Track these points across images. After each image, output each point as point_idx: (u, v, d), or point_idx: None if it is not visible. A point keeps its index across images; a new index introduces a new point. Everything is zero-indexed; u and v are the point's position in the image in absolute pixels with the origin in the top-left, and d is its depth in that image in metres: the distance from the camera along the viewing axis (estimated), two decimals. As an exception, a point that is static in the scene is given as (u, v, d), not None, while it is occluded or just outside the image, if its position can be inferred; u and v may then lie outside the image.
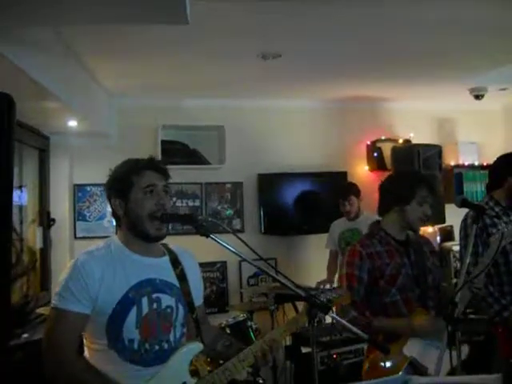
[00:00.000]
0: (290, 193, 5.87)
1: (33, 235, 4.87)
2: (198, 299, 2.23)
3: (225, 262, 5.72)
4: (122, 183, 2.07)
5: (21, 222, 4.60)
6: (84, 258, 1.99)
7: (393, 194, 2.82)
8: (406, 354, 2.55)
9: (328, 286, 5.02)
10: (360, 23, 3.64)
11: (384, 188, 2.94)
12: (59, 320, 1.93)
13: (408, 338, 2.58)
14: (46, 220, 5.07)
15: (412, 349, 2.55)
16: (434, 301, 2.78)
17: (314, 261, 5.73)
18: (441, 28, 3.74)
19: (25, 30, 2.95)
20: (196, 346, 2.03)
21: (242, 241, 1.95)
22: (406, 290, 2.72)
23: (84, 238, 5.37)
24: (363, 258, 2.75)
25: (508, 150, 6.20)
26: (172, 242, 2.25)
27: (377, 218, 5.15)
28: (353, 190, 5.16)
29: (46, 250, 5.05)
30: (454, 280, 5.17)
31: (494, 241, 2.49)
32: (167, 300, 2.05)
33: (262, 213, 5.83)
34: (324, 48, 4.20)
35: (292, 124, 6.03)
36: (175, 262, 2.16)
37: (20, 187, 4.61)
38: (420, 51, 4.30)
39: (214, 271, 5.73)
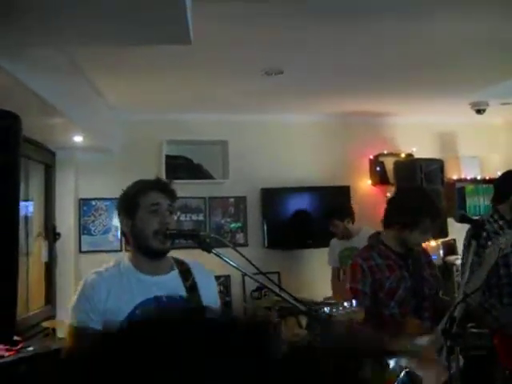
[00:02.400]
0: (293, 207, 5.91)
1: (38, 249, 4.91)
2: None
3: (228, 276, 5.74)
4: (128, 203, 2.15)
5: (27, 236, 4.64)
6: (92, 278, 2.08)
7: (397, 215, 2.83)
8: (401, 364, 2.56)
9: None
10: (361, 39, 3.69)
11: (392, 204, 2.96)
12: (73, 337, 2.04)
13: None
14: (51, 234, 5.12)
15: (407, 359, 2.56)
16: (429, 311, 2.81)
17: (317, 275, 5.75)
18: (442, 43, 3.78)
19: (30, 48, 3.01)
20: None
21: (244, 256, 1.98)
22: (405, 302, 2.75)
23: (89, 252, 5.41)
24: (365, 271, 2.77)
25: (510, 164, 6.25)
26: (177, 256, 2.28)
27: None
28: (334, 213, 5.11)
29: (51, 264, 5.09)
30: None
31: (489, 253, 2.51)
32: None
33: (265, 227, 5.86)
34: (326, 63, 4.26)
35: (295, 139, 6.08)
36: (186, 274, 2.19)
37: (26, 201, 4.66)
38: (421, 66, 4.34)
39: (218, 285, 5.69)
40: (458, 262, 5.61)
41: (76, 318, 2.02)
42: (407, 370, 2.45)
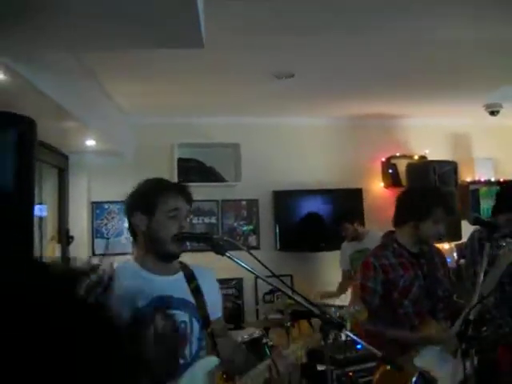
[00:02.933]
0: (306, 210, 5.89)
1: (52, 252, 4.94)
2: (216, 313, 2.25)
3: (241, 279, 5.74)
4: (147, 200, 2.11)
5: (40, 240, 4.67)
6: None
7: (409, 210, 2.83)
8: (416, 364, 2.54)
9: (336, 301, 4.99)
10: (373, 42, 3.68)
11: (401, 201, 2.95)
12: None
13: (419, 350, 2.59)
14: (64, 237, 5.15)
15: (422, 360, 2.55)
16: (444, 312, 2.80)
17: (329, 277, 5.73)
18: (455, 45, 3.77)
19: (43, 53, 3.03)
20: (211, 361, 2.05)
21: (256, 259, 1.97)
22: (419, 302, 2.74)
23: (102, 255, 5.43)
24: (377, 269, 2.76)
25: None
26: (189, 258, 2.28)
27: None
28: (345, 216, 5.18)
29: (64, 267, 5.12)
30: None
31: (503, 254, 2.49)
32: (181, 316, 2.09)
33: (277, 230, 5.86)
34: (337, 66, 4.25)
35: (307, 141, 6.08)
36: (190, 278, 2.20)
37: (39, 205, 4.69)
38: (434, 68, 4.32)
39: (230, 288, 5.75)
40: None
41: None
42: (421, 371, 2.44)
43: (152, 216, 2.09)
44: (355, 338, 2.06)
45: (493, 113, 5.71)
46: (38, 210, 4.63)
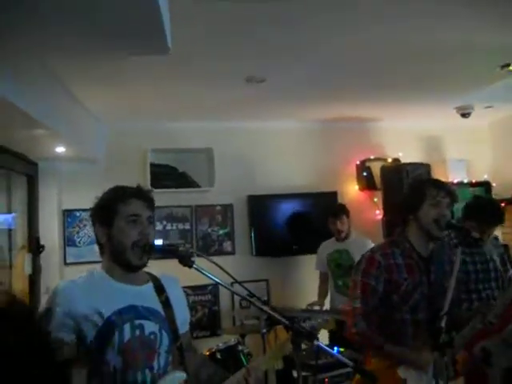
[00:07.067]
0: (281, 214, 5.87)
1: (22, 261, 4.83)
2: (184, 326, 2.21)
3: (217, 285, 5.69)
4: (106, 210, 2.07)
5: (10, 249, 4.57)
6: (64, 284, 2.01)
7: (404, 203, 2.77)
8: (400, 375, 2.51)
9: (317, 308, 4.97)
10: (346, 45, 3.68)
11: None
12: None
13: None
14: (35, 246, 5.04)
15: (406, 371, 2.51)
16: (447, 325, 2.50)
17: (305, 281, 5.71)
18: (427, 49, 3.78)
19: (9, 60, 2.96)
20: (180, 375, 2.01)
21: (222, 269, 1.95)
22: (418, 310, 2.60)
23: (74, 263, 5.32)
24: (381, 268, 2.62)
25: (496, 167, 6.29)
26: (163, 265, 2.20)
27: (367, 241, 5.04)
28: (344, 210, 5.13)
29: (35, 277, 5.01)
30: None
31: None
32: (151, 327, 2.04)
33: (252, 234, 5.82)
34: (309, 70, 4.23)
35: (281, 145, 6.06)
36: (159, 289, 2.15)
37: (9, 213, 4.59)
38: (406, 71, 4.34)
39: (206, 294, 5.70)
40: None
41: (49, 326, 1.87)
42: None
43: (111, 225, 2.05)
44: (327, 348, 2.03)
45: (464, 115, 5.77)
46: (7, 219, 4.53)
